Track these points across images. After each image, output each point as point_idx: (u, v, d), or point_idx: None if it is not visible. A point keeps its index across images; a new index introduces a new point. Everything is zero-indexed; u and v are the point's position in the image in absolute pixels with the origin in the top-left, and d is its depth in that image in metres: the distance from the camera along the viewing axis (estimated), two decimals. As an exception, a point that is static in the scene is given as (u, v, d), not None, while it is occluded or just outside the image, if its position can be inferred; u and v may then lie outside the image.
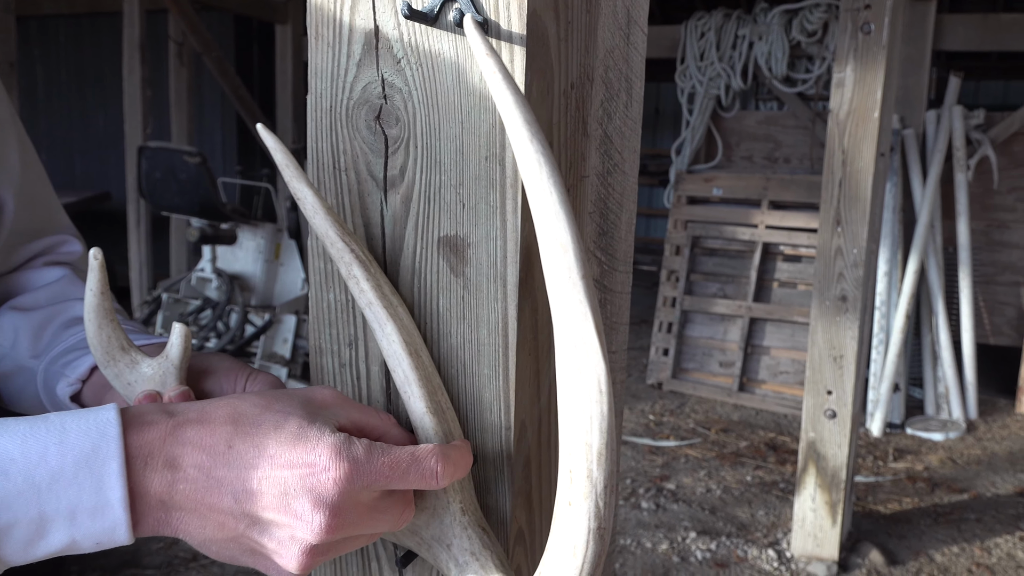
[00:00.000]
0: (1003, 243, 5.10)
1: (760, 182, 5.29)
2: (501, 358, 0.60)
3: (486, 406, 0.61)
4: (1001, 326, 5.15)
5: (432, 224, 0.61)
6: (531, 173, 0.52)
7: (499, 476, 0.62)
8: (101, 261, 0.63)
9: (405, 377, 0.59)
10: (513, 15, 0.56)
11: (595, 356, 0.50)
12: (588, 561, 0.49)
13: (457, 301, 0.61)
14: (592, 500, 0.49)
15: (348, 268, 0.59)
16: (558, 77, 0.63)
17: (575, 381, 0.50)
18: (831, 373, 3.01)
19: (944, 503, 3.79)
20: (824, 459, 3.09)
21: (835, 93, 2.83)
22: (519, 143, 0.52)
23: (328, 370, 0.66)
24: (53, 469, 0.49)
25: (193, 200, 4.83)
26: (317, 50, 0.62)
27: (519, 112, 0.52)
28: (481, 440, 0.62)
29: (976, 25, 4.88)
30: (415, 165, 0.60)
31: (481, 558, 0.57)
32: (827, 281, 2.95)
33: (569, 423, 0.50)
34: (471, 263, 0.60)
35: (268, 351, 5.20)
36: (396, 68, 0.60)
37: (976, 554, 3.32)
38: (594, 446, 0.49)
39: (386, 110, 0.61)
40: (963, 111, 4.77)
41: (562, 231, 0.51)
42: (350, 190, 0.63)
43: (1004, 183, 5.01)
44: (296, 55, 6.89)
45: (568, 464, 0.50)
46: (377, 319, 0.59)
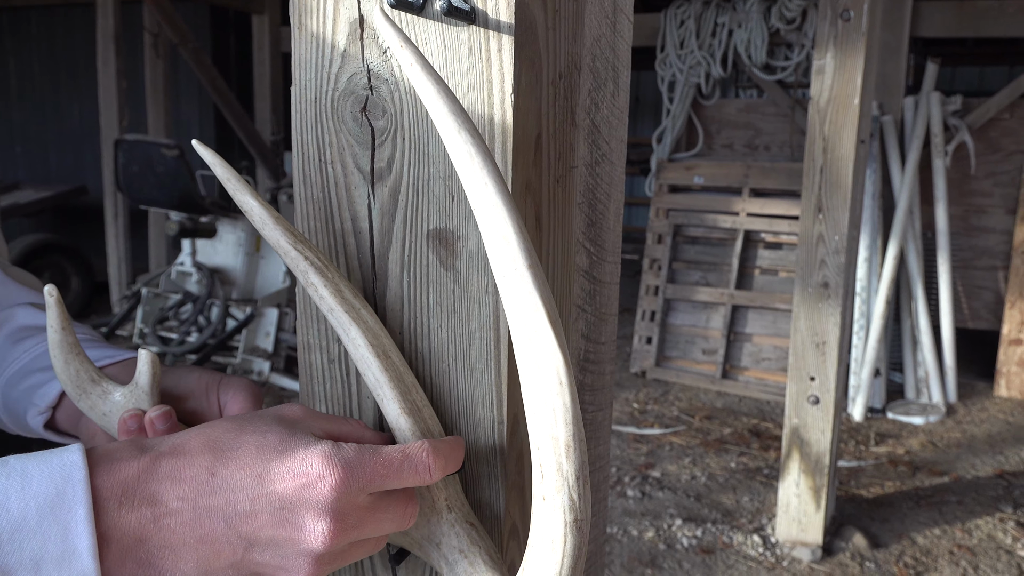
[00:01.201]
0: (981, 228, 5.15)
1: (741, 170, 5.31)
2: (493, 352, 0.59)
3: (478, 400, 0.61)
4: (979, 310, 5.21)
5: (421, 217, 0.60)
6: (464, 164, 0.49)
7: (492, 471, 0.61)
8: (57, 297, 0.62)
9: (376, 380, 0.57)
10: (501, 4, 0.55)
11: (551, 348, 0.48)
12: (568, 554, 0.48)
13: (447, 295, 0.60)
14: (565, 493, 0.48)
15: (305, 276, 0.58)
16: (546, 66, 0.62)
17: (534, 375, 0.49)
18: (814, 359, 3.03)
19: (925, 486, 3.83)
20: (808, 445, 3.12)
21: (815, 80, 2.84)
22: (448, 134, 0.49)
23: (317, 366, 0.65)
24: (15, 518, 0.47)
25: (172, 193, 4.78)
26: (301, 40, 0.61)
27: (443, 102, 0.49)
28: (473, 435, 0.61)
29: (952, 11, 4.91)
30: (403, 157, 0.59)
31: (470, 555, 0.56)
32: (809, 268, 2.96)
33: (534, 418, 0.49)
34: (461, 256, 0.59)
35: (250, 345, 5.16)
36: (382, 58, 0.59)
37: (957, 536, 3.36)
38: (561, 439, 0.48)
39: (372, 101, 0.60)
40: (940, 97, 4.80)
41: (502, 222, 0.49)
42: (336, 183, 0.62)
43: (981, 168, 5.05)
44: (274, 45, 6.82)
45: (538, 459, 0.50)
46: (340, 325, 0.57)
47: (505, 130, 0.57)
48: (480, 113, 0.57)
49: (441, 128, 0.49)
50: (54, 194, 6.82)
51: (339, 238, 0.62)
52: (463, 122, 0.48)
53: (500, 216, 0.48)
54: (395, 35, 0.49)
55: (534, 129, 0.61)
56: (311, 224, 0.63)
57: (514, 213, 0.48)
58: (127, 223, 6.09)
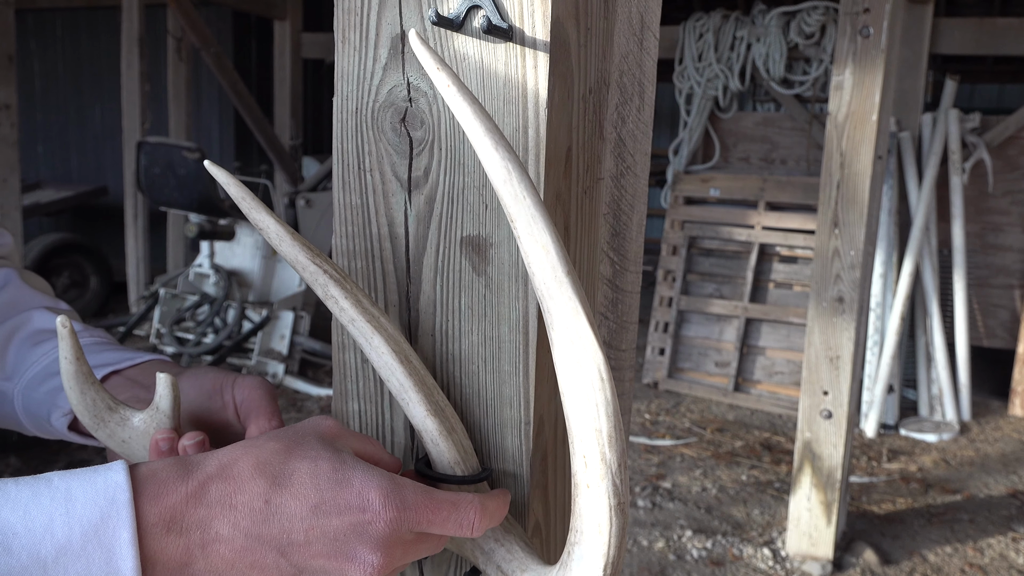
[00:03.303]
0: (997, 246, 5.13)
1: (757, 183, 5.32)
2: (522, 355, 0.62)
3: (506, 401, 0.63)
4: (995, 328, 5.19)
5: (455, 224, 0.62)
6: (501, 180, 0.52)
7: (518, 470, 0.64)
8: (70, 328, 0.62)
9: (400, 385, 0.59)
10: (537, 22, 0.58)
11: (592, 348, 0.51)
12: (614, 535, 0.51)
13: (478, 299, 0.63)
14: (609, 479, 0.51)
15: (324, 290, 0.59)
16: (578, 82, 0.65)
17: (576, 374, 0.51)
18: (827, 374, 3.03)
19: (937, 504, 3.82)
20: (820, 459, 3.12)
21: (834, 96, 2.86)
22: (484, 152, 0.52)
23: (351, 365, 0.68)
24: (59, 542, 0.47)
25: (192, 196, 4.84)
26: (344, 53, 0.64)
27: (480, 122, 0.52)
28: (500, 435, 0.64)
29: (972, 29, 4.91)
30: (439, 167, 0.62)
31: (506, 543, 0.59)
32: (824, 282, 2.97)
33: (576, 413, 0.52)
34: (493, 262, 0.61)
35: (265, 347, 5.21)
36: (422, 73, 0.61)
37: (969, 554, 3.35)
38: (603, 431, 0.51)
39: (411, 113, 0.62)
40: (959, 114, 4.80)
41: (541, 232, 0.51)
42: (374, 190, 0.64)
43: (999, 186, 5.04)
44: (294, 51, 6.89)
45: (581, 451, 0.52)
46: (362, 334, 0.59)
47: (539, 143, 0.59)
48: (515, 126, 0.60)
49: (477, 146, 0.51)
50: (75, 194, 6.91)
51: (375, 242, 0.65)
52: (498, 140, 0.51)
53: (538, 227, 0.50)
54: (431, 58, 0.51)
55: (565, 142, 0.64)
56: (348, 228, 0.66)
57: (551, 224, 0.51)
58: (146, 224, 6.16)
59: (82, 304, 6.51)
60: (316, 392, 5.02)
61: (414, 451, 0.67)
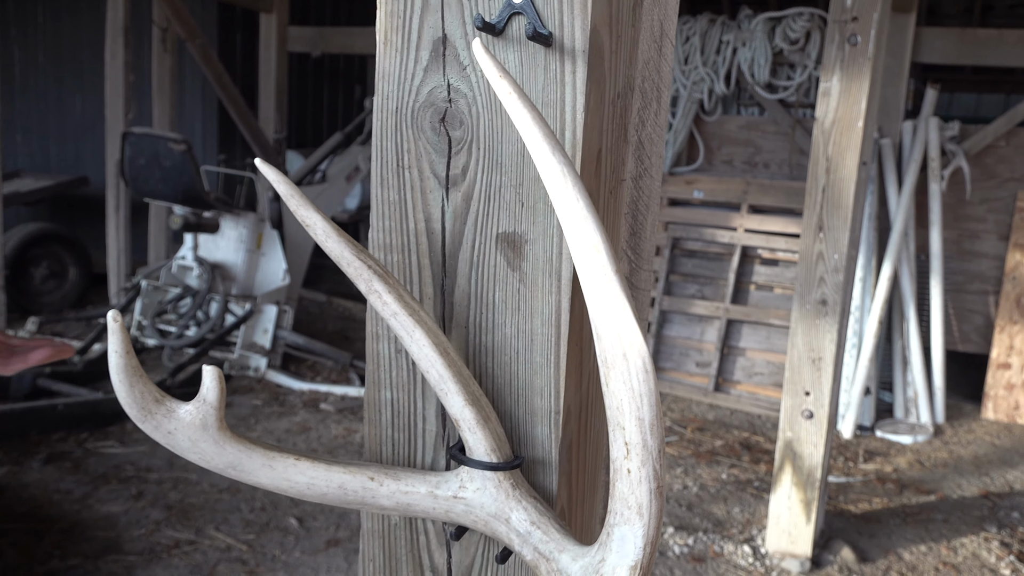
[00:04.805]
0: (973, 252, 5.23)
1: (740, 186, 5.38)
2: (553, 347, 0.65)
3: (537, 392, 0.66)
4: (969, 333, 5.29)
5: (491, 221, 0.65)
6: (556, 183, 0.55)
7: (547, 458, 0.67)
8: (121, 322, 0.64)
9: (440, 376, 0.62)
10: (577, 30, 0.61)
11: (638, 341, 0.54)
12: (654, 516, 0.54)
13: (512, 293, 0.65)
14: (650, 465, 0.54)
15: (368, 284, 0.62)
16: (609, 87, 0.68)
17: (622, 365, 0.54)
18: (810, 375, 3.09)
19: (912, 504, 3.90)
20: (800, 458, 3.18)
21: (821, 102, 2.91)
22: (542, 156, 0.55)
23: (384, 355, 0.70)
24: None
25: (177, 187, 4.82)
26: (386, 55, 0.66)
27: (538, 128, 0.55)
28: (530, 424, 0.67)
29: (953, 38, 5.00)
30: (477, 165, 0.65)
31: (542, 525, 0.61)
32: (808, 285, 3.03)
33: (620, 403, 0.55)
34: (528, 258, 0.64)
35: (248, 341, 5.19)
36: (462, 74, 0.64)
37: (943, 553, 3.42)
38: (646, 420, 0.54)
39: (451, 113, 0.65)
40: (939, 123, 4.89)
41: (592, 233, 0.55)
42: (412, 187, 0.67)
43: (976, 194, 5.14)
44: (280, 44, 6.86)
45: (623, 438, 0.55)
46: (404, 327, 0.62)
47: (575, 145, 0.62)
48: (552, 128, 0.63)
49: (534, 150, 0.54)
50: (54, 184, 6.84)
51: (412, 237, 0.68)
52: (555, 145, 0.54)
53: (590, 228, 0.53)
54: (493, 65, 0.54)
55: (596, 145, 0.67)
56: (386, 223, 0.68)
57: (601, 226, 0.54)
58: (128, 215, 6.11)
59: (60, 295, 6.44)
60: (298, 386, 5.01)
61: (445, 438, 0.70)
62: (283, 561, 3.16)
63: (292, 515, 3.49)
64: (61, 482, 3.60)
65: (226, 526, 3.37)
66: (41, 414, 4.04)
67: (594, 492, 0.79)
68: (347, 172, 6.17)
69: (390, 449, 0.71)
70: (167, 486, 3.66)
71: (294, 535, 3.34)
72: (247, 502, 3.58)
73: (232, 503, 3.57)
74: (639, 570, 0.56)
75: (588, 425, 0.73)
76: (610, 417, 0.56)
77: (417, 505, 0.65)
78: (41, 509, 3.37)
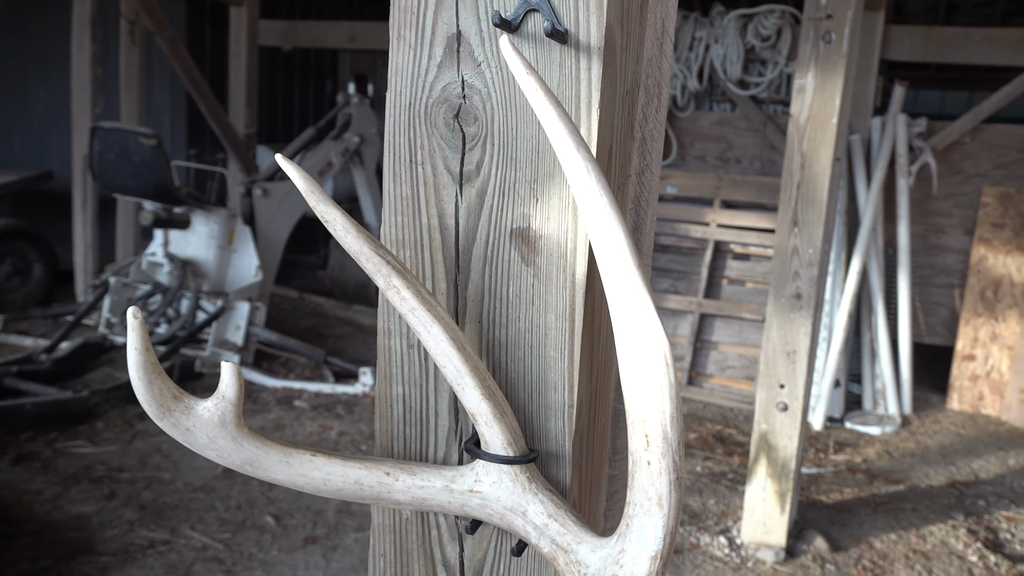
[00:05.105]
0: (939, 247, 5.34)
1: (713, 181, 5.43)
2: (567, 341, 0.65)
3: (551, 385, 0.66)
4: (935, 326, 5.40)
5: (505, 216, 0.65)
6: (581, 179, 0.56)
7: (560, 451, 0.67)
8: (141, 319, 0.64)
9: (457, 371, 0.62)
10: (592, 27, 0.61)
11: (659, 335, 0.55)
12: (673, 506, 0.55)
13: (527, 288, 0.66)
14: (670, 457, 0.55)
15: (387, 280, 0.62)
16: (619, 84, 0.68)
17: (643, 358, 0.55)
18: (784, 368, 3.13)
19: (882, 493, 3.97)
20: (775, 450, 3.22)
21: (796, 99, 2.95)
22: (566, 153, 0.55)
23: (396, 350, 0.70)
24: None
25: (147, 183, 4.75)
26: (398, 51, 0.66)
27: (563, 125, 0.56)
28: (544, 418, 0.67)
29: (920, 36, 5.09)
30: (491, 161, 0.65)
31: (558, 517, 0.62)
32: (783, 279, 3.07)
33: (640, 395, 0.56)
34: (542, 253, 0.65)
35: (220, 338, 5.14)
36: (476, 71, 0.64)
37: (912, 541, 3.50)
38: (667, 411, 0.55)
39: (465, 109, 0.65)
40: (907, 119, 4.97)
41: (615, 229, 0.56)
42: (426, 183, 0.67)
43: (942, 190, 5.24)
44: (251, 38, 6.79)
45: (643, 430, 0.56)
46: (422, 323, 0.62)
47: (590, 140, 0.63)
48: (567, 124, 0.63)
49: (560, 146, 0.55)
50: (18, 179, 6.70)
51: (425, 232, 0.68)
52: (579, 142, 0.54)
53: (614, 224, 0.54)
54: (521, 63, 0.54)
55: (607, 140, 0.67)
56: (398, 219, 0.68)
57: (624, 222, 0.54)
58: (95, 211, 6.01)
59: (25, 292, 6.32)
60: (272, 383, 4.97)
61: (458, 433, 0.70)
62: (260, 559, 3.14)
63: (268, 513, 3.47)
64: (31, 483, 3.54)
65: (201, 525, 3.33)
66: (9, 414, 3.96)
67: (600, 485, 0.80)
68: (320, 168, 6.13)
69: (402, 444, 0.71)
70: (140, 485, 3.62)
71: (271, 533, 3.32)
72: (222, 500, 3.55)
73: (207, 502, 3.53)
74: (659, 560, 0.57)
75: (596, 418, 0.74)
76: (630, 410, 0.57)
77: (432, 499, 0.65)
78: (10, 511, 3.31)
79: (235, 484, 3.69)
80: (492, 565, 0.70)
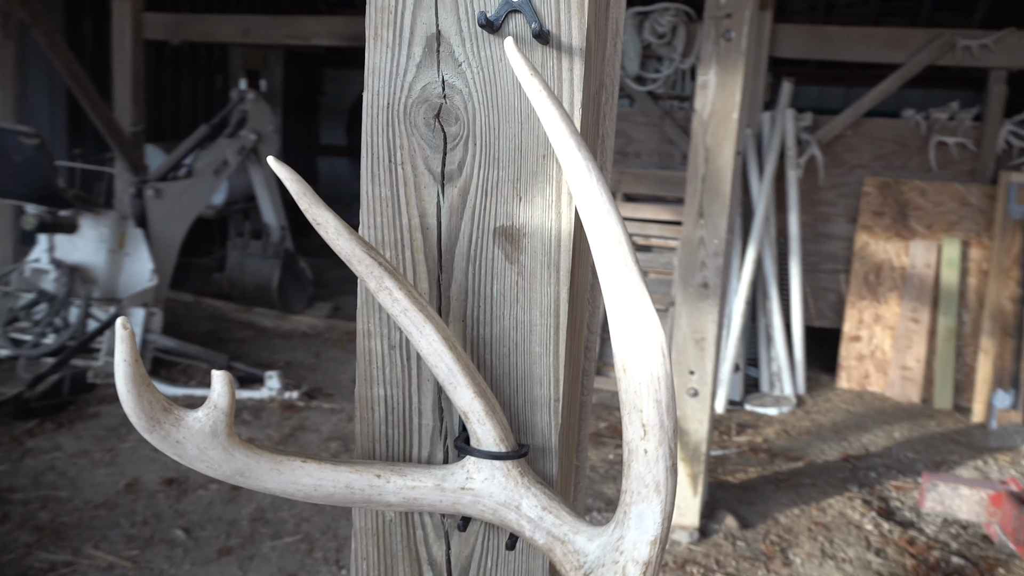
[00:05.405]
0: (826, 234, 5.63)
1: (614, 175, 5.55)
2: (552, 337, 0.67)
3: (536, 381, 0.68)
4: (824, 310, 5.69)
5: (488, 215, 0.66)
6: (581, 179, 0.57)
7: (547, 444, 0.68)
8: (130, 330, 0.62)
9: (449, 370, 0.63)
10: (574, 28, 0.63)
11: (656, 329, 0.57)
12: (670, 492, 0.57)
13: (511, 285, 0.67)
14: (666, 445, 0.57)
15: (379, 281, 0.62)
16: (593, 83, 0.70)
17: (640, 351, 0.57)
18: (694, 355, 3.24)
19: (783, 471, 4.16)
20: (687, 434, 3.33)
21: (699, 95, 3.05)
22: (567, 153, 0.57)
23: (377, 352, 0.70)
24: None
25: (30, 185, 4.48)
26: (375, 50, 0.66)
27: (565, 125, 0.57)
28: (530, 412, 0.68)
29: (805, 34, 5.34)
30: (473, 161, 0.65)
31: (553, 510, 0.63)
32: (691, 270, 3.17)
33: (637, 386, 0.58)
34: (526, 251, 0.66)
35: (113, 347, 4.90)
36: (457, 71, 0.65)
37: (814, 514, 3.69)
38: (663, 401, 0.57)
39: (446, 109, 0.65)
40: (794, 114, 5.22)
41: (614, 226, 0.58)
42: (406, 183, 0.67)
43: (828, 180, 5.53)
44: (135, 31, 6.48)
45: (640, 420, 0.58)
46: (414, 323, 0.62)
47: (573, 140, 0.64)
48: (550, 124, 0.64)
49: (560, 147, 0.56)
50: None
51: (406, 233, 0.68)
52: (580, 142, 0.56)
53: (612, 222, 0.56)
54: (525, 65, 0.55)
55: (586, 139, 0.69)
56: (377, 220, 0.68)
57: (621, 219, 0.56)
58: (-31, 216, 5.62)
59: None
60: (172, 392, 4.78)
61: (443, 432, 0.70)
62: (172, 575, 3.02)
63: (178, 526, 3.35)
64: (-87, 509, 3.30)
65: (106, 543, 3.18)
66: None
67: (572, 475, 0.81)
68: (215, 166, 5.92)
69: (384, 446, 0.71)
70: (35, 506, 3.42)
71: (182, 547, 3.20)
72: (127, 516, 3.40)
73: (110, 519, 3.37)
74: (658, 544, 0.59)
75: (573, 411, 0.76)
76: (626, 400, 0.58)
77: (424, 499, 0.65)
78: None
79: (139, 499, 3.54)
80: (480, 561, 0.71)
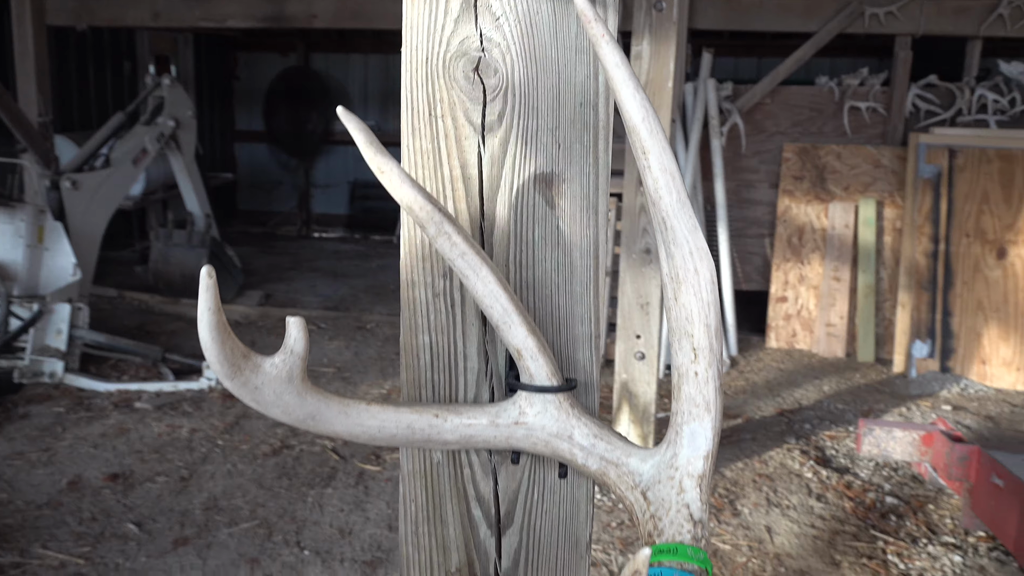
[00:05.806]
0: (750, 200, 5.82)
1: (544, 150, 5.61)
2: (592, 277, 0.71)
3: (578, 319, 0.71)
4: (751, 273, 5.90)
5: (528, 164, 0.69)
6: (638, 117, 0.62)
7: (588, 379, 0.73)
8: (214, 279, 0.63)
9: (504, 310, 0.66)
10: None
11: (708, 258, 0.62)
12: (719, 410, 0.62)
13: (552, 230, 0.70)
14: (715, 366, 0.62)
15: (439, 227, 0.64)
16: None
17: (693, 279, 0.62)
18: (639, 319, 3.34)
19: (724, 428, 4.33)
20: (636, 397, 3.43)
21: (633, 64, 3.11)
22: (627, 94, 0.61)
23: (421, 301, 0.72)
24: None
25: (-60, 179, 4.25)
26: (413, 5, 0.68)
27: (624, 69, 0.61)
28: (572, 349, 0.72)
29: (722, 6, 5.49)
30: (513, 112, 0.69)
31: (604, 436, 0.67)
32: (633, 236, 3.26)
33: (688, 313, 0.62)
34: (566, 196, 0.69)
35: (39, 344, 4.73)
36: (495, 24, 0.67)
37: (757, 467, 3.85)
38: (712, 326, 0.62)
39: (484, 62, 0.68)
40: (715, 84, 5.36)
41: (670, 162, 0.62)
42: (446, 135, 0.70)
43: (749, 148, 5.71)
44: (37, 17, 6.20)
45: (690, 344, 0.62)
46: (471, 266, 0.65)
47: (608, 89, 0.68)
48: (586, 73, 0.68)
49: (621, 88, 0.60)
50: None
51: (448, 184, 0.70)
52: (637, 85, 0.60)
53: (668, 158, 0.60)
54: (590, 12, 0.59)
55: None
56: (419, 172, 0.70)
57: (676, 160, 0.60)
58: None
59: None
60: (104, 388, 4.65)
61: (488, 373, 0.73)
62: (129, 568, 2.97)
63: (128, 520, 3.28)
64: None
65: (55, 542, 3.10)
66: None
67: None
68: (134, 155, 5.73)
69: (430, 391, 0.73)
70: (-27, 510, 3.30)
71: (135, 540, 3.14)
72: (73, 515, 3.31)
73: (56, 518, 3.28)
74: (711, 459, 0.64)
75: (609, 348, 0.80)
76: (676, 328, 0.63)
77: (479, 436, 0.68)
78: None
79: (84, 496, 3.45)
80: (527, 494, 0.74)
